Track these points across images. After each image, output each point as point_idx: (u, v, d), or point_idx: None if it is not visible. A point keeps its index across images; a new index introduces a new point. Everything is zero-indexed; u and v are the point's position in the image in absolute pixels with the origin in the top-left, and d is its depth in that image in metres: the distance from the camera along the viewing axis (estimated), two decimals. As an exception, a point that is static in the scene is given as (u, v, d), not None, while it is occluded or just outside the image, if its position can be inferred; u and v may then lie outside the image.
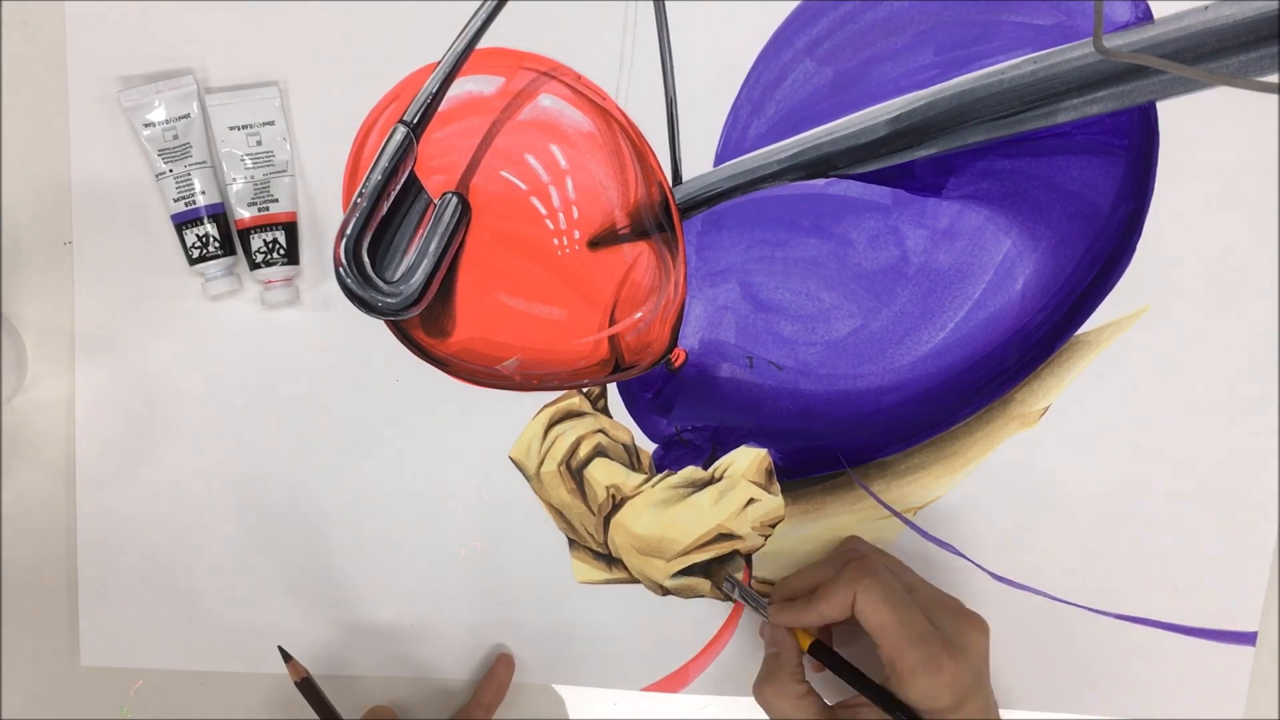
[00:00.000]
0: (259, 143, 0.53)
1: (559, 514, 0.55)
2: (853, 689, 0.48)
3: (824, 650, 0.49)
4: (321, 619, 0.57)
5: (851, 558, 0.49)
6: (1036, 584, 0.54)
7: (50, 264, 0.55)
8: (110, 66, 0.53)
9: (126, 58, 0.53)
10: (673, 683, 0.56)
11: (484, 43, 0.51)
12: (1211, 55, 0.49)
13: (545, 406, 0.55)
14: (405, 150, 0.48)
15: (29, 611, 0.57)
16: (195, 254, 0.53)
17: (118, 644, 0.57)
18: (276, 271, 0.53)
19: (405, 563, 0.56)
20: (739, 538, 0.54)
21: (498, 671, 0.56)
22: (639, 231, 0.53)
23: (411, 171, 0.49)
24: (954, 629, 0.46)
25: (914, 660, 0.44)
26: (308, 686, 0.51)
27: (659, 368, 0.54)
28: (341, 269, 0.47)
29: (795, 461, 0.54)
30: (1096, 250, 0.52)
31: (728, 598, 0.54)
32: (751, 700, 0.50)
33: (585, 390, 0.54)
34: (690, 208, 0.53)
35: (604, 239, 0.53)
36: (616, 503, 0.55)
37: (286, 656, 0.52)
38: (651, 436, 0.55)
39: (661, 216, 0.53)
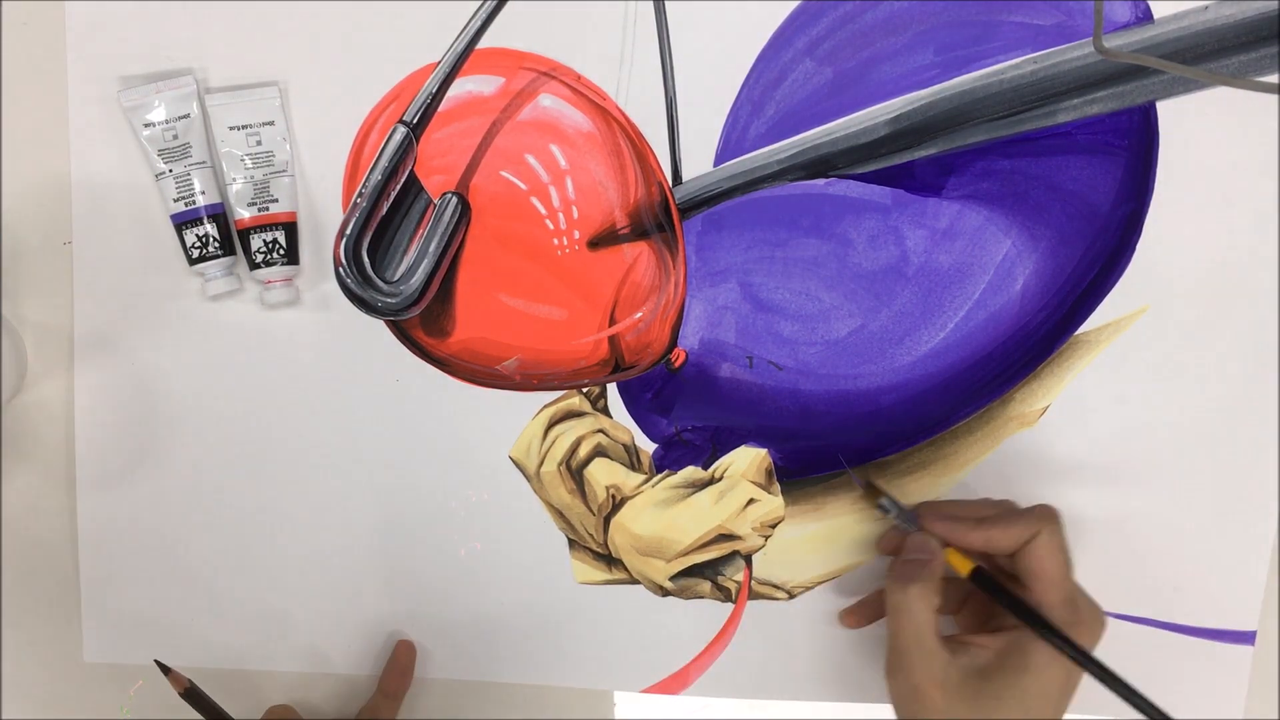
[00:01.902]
0: (259, 143, 0.53)
1: (559, 514, 0.55)
2: (1005, 621, 0.48)
3: (986, 577, 0.48)
4: (322, 618, 0.57)
5: (1031, 506, 0.49)
6: (1036, 584, 0.54)
7: (50, 264, 0.55)
8: (110, 66, 0.53)
9: (126, 58, 0.53)
10: (673, 684, 0.56)
11: (484, 43, 0.51)
12: (1211, 55, 0.49)
13: (545, 406, 0.55)
14: (405, 150, 0.48)
15: (30, 610, 0.57)
16: (195, 254, 0.53)
17: (119, 641, 0.57)
18: (276, 271, 0.53)
19: (405, 562, 0.56)
20: (739, 538, 0.55)
21: (399, 658, 0.55)
22: (639, 231, 0.53)
23: (411, 171, 0.49)
24: (1088, 612, 0.47)
25: (1062, 615, 0.46)
26: (193, 695, 0.51)
27: (659, 368, 0.54)
28: (341, 269, 0.47)
29: (795, 461, 0.54)
30: (1096, 250, 0.52)
31: (884, 511, 0.52)
32: (751, 701, 0.50)
33: (585, 390, 0.54)
34: (690, 208, 0.53)
35: (604, 239, 0.53)
36: (616, 503, 0.55)
37: (165, 669, 0.51)
38: (651, 436, 0.55)
39: (661, 216, 0.53)
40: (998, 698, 0.46)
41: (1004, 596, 0.47)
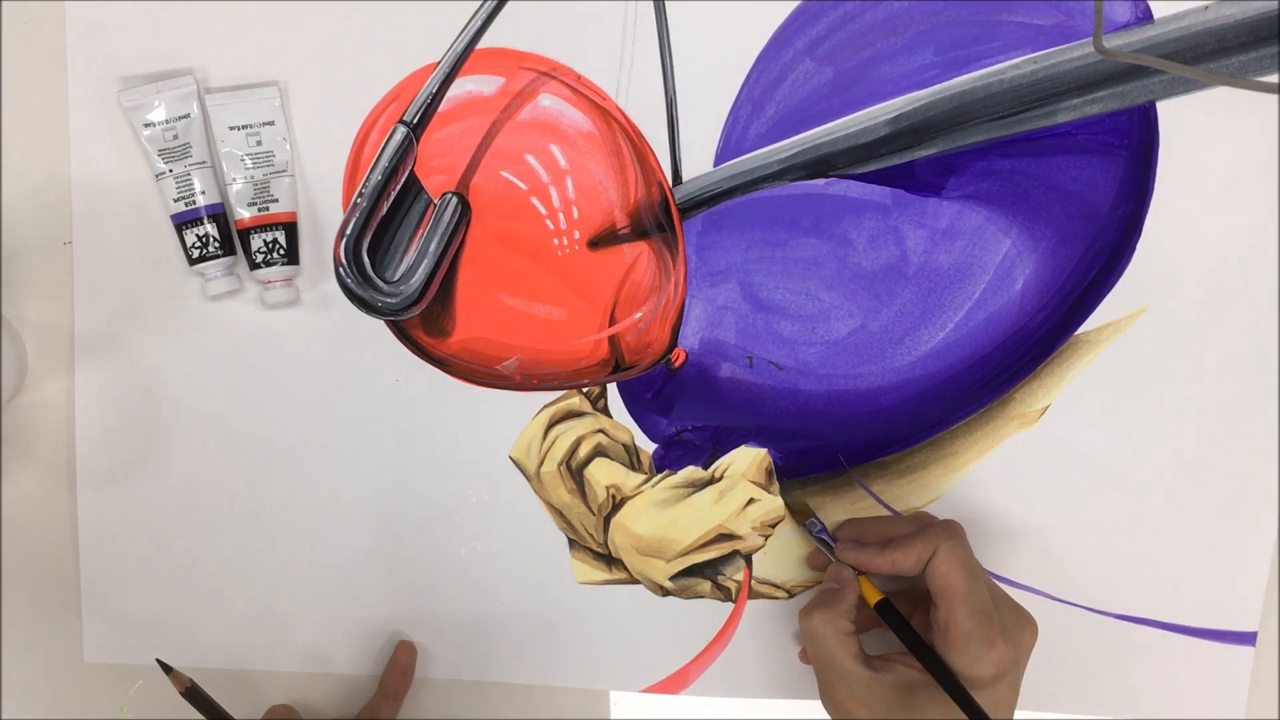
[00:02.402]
0: (259, 143, 0.53)
1: (559, 514, 0.55)
2: (904, 647, 0.48)
3: (890, 609, 0.49)
4: (322, 618, 0.57)
5: (934, 522, 0.50)
6: (1036, 584, 0.54)
7: (50, 264, 0.55)
8: (110, 66, 0.53)
9: (126, 58, 0.53)
10: (673, 684, 0.56)
11: (484, 43, 0.51)
12: (1211, 55, 0.49)
13: (545, 406, 0.55)
14: (405, 150, 0.48)
15: (30, 610, 0.57)
16: (195, 254, 0.53)
17: (119, 641, 0.57)
18: (276, 271, 0.53)
19: (405, 562, 0.56)
20: (739, 538, 0.55)
21: (399, 659, 0.55)
22: (639, 231, 0.53)
23: (411, 171, 0.49)
24: (1010, 617, 0.47)
25: (970, 628, 0.45)
26: (194, 695, 0.51)
27: (659, 368, 0.54)
28: (341, 269, 0.47)
29: (795, 461, 0.54)
30: (1096, 250, 0.52)
31: (817, 539, 0.53)
32: (751, 701, 0.50)
33: (585, 390, 0.54)
34: (690, 208, 0.53)
35: (604, 239, 0.53)
36: (616, 503, 0.55)
37: (166, 669, 0.51)
38: (651, 436, 0.55)
39: (661, 216, 0.53)
40: (924, 712, 0.46)
41: (900, 630, 0.48)
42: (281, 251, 0.53)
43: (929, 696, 0.46)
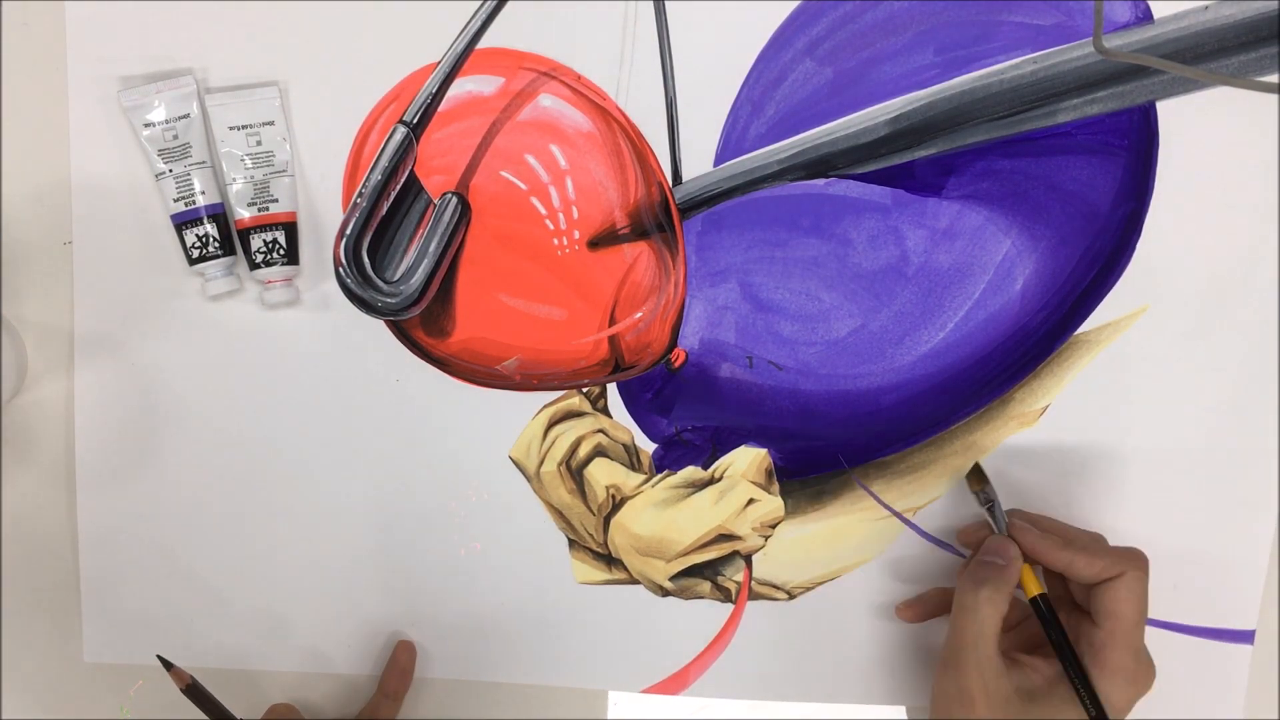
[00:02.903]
0: (259, 143, 0.53)
1: (559, 514, 0.55)
2: (1054, 653, 0.48)
3: (1048, 606, 0.48)
4: (322, 618, 0.57)
5: (1119, 547, 0.48)
6: (1036, 584, 0.54)
7: (50, 264, 0.55)
8: (110, 66, 0.53)
9: (126, 58, 0.53)
10: (673, 684, 0.56)
11: (484, 43, 0.51)
12: (1211, 55, 0.49)
13: (545, 406, 0.55)
14: (405, 150, 0.48)
15: (30, 610, 0.57)
16: (195, 254, 0.53)
17: (119, 641, 0.57)
18: (276, 271, 0.53)
19: (405, 563, 0.56)
20: (739, 538, 0.55)
21: (399, 659, 0.55)
22: (639, 231, 0.53)
23: (411, 171, 0.49)
24: (1149, 663, 0.47)
25: (1124, 663, 0.45)
26: (195, 691, 0.51)
27: (659, 368, 0.54)
28: (341, 269, 0.47)
29: (795, 461, 0.54)
30: (1096, 250, 0.52)
31: (987, 503, 0.51)
32: (751, 701, 0.50)
33: (585, 390, 0.54)
34: (690, 208, 0.53)
35: (604, 239, 0.53)
36: (616, 503, 0.55)
37: (168, 665, 0.51)
38: (651, 436, 0.55)
39: (661, 216, 0.53)
40: None
41: (1055, 632, 0.47)
42: (281, 251, 0.53)
43: (1048, 708, 0.46)
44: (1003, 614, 0.47)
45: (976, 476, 0.53)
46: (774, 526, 0.55)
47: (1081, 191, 0.51)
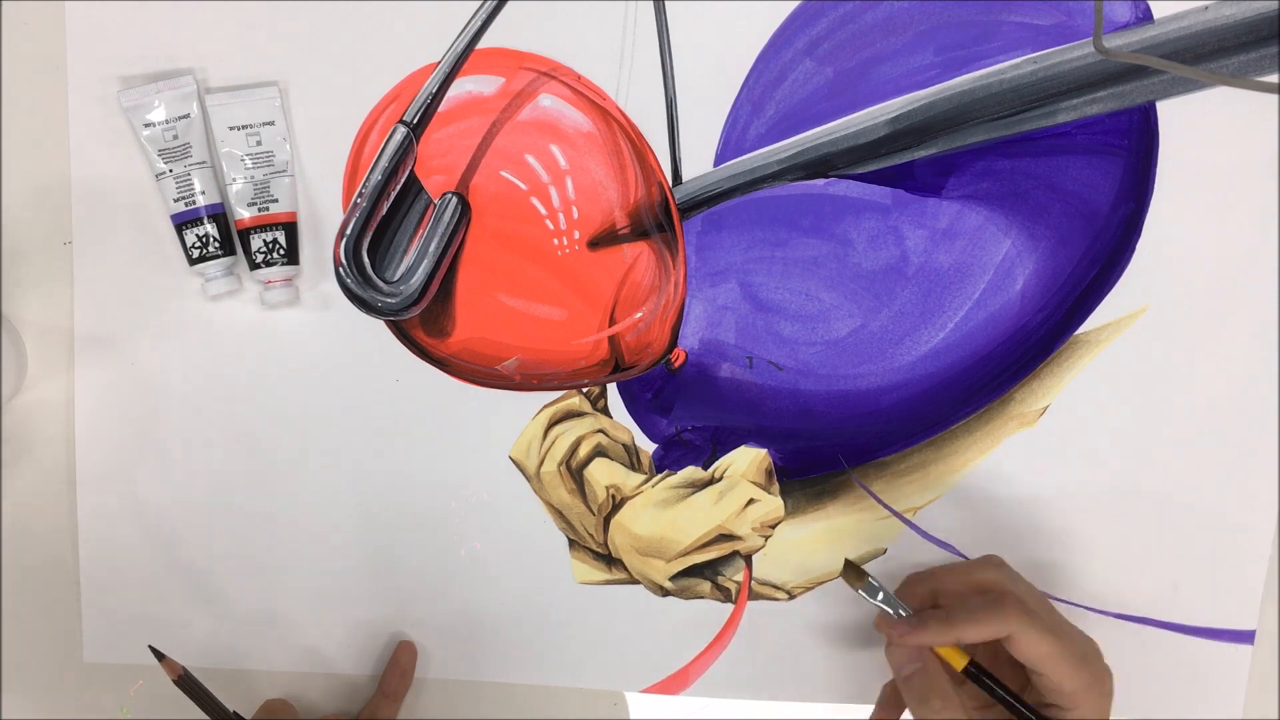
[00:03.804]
0: (259, 143, 0.53)
1: (559, 514, 0.55)
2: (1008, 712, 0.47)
3: (982, 674, 0.47)
4: (322, 619, 0.57)
5: (1000, 591, 0.47)
6: (1036, 583, 0.54)
7: (50, 264, 0.55)
8: (110, 66, 0.53)
9: (126, 58, 0.53)
10: (673, 684, 0.56)
11: (484, 43, 0.51)
12: (1211, 55, 0.49)
13: (545, 406, 0.55)
14: (405, 150, 0.48)
15: (31, 609, 0.57)
16: (195, 254, 0.53)
17: (119, 641, 0.57)
18: (276, 271, 0.53)
19: (405, 563, 0.56)
20: (739, 538, 0.55)
21: (400, 659, 0.56)
22: (639, 231, 0.53)
23: (411, 171, 0.49)
24: (1084, 642, 0.47)
25: (1084, 679, 0.45)
26: (186, 682, 0.51)
27: (659, 368, 0.54)
28: (341, 269, 0.47)
29: (795, 461, 0.54)
30: (1096, 250, 0.52)
31: (870, 598, 0.49)
32: (751, 701, 0.50)
33: (585, 390, 0.54)
34: (690, 208, 0.53)
35: (604, 239, 0.53)
36: (616, 503, 0.55)
37: (160, 655, 0.51)
38: (651, 436, 0.55)
39: (661, 216, 0.53)
40: None
41: (998, 692, 0.47)
42: (281, 251, 0.53)
43: None
44: (966, 710, 0.46)
45: (854, 573, 0.49)
46: (774, 526, 0.55)
47: (1081, 192, 0.51)
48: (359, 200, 0.47)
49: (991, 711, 0.48)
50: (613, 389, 0.55)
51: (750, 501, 0.54)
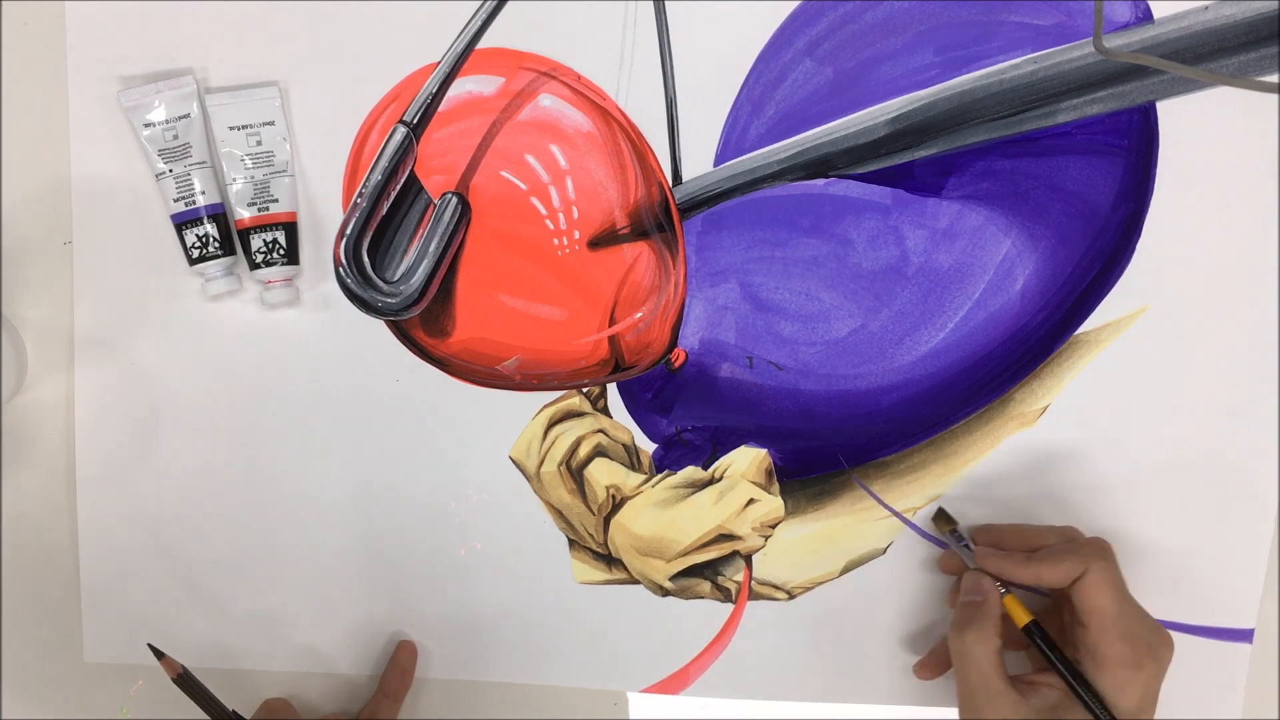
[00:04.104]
0: (259, 143, 0.53)
1: (559, 514, 0.55)
2: (1055, 671, 0.48)
3: (1040, 633, 0.48)
4: (322, 618, 0.57)
5: (1082, 538, 0.49)
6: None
7: (50, 264, 0.55)
8: (110, 66, 0.53)
9: (126, 58, 0.53)
10: (673, 684, 0.56)
11: (484, 43, 0.51)
12: (1211, 55, 0.49)
13: (545, 406, 0.55)
14: (405, 150, 0.48)
15: (31, 609, 0.57)
16: (195, 254, 0.53)
17: (119, 641, 0.57)
18: (276, 271, 0.53)
19: (405, 563, 0.56)
20: (739, 538, 0.55)
21: (400, 659, 0.56)
22: (639, 231, 0.53)
23: (411, 171, 0.49)
24: (1154, 637, 0.47)
25: (1121, 652, 0.45)
26: (185, 681, 0.51)
27: (659, 368, 0.54)
28: (341, 269, 0.47)
29: (795, 461, 0.54)
30: (1096, 250, 0.52)
31: (946, 545, 0.52)
32: (751, 701, 0.50)
33: (585, 390, 0.54)
34: (690, 208, 0.53)
35: (604, 239, 0.53)
36: (616, 503, 0.55)
37: (159, 654, 0.51)
38: (651, 436, 0.55)
39: (661, 216, 0.53)
40: None
41: (1052, 654, 0.47)
42: (281, 251, 0.53)
43: (1076, 713, 0.46)
44: (997, 648, 0.47)
45: (944, 519, 0.53)
46: (774, 526, 0.55)
47: (1081, 192, 0.51)
48: (359, 200, 0.47)
49: (1034, 694, 0.48)
50: (613, 389, 0.55)
51: (750, 501, 0.54)
